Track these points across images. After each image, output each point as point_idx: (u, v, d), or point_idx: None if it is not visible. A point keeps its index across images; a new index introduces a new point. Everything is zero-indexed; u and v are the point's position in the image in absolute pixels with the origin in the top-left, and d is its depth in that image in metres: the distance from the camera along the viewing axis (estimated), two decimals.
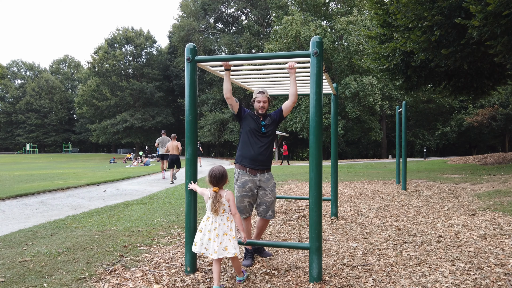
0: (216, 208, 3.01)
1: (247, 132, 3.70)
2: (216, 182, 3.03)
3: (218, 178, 3.03)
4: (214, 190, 3.01)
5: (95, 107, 48.55)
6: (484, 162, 18.46)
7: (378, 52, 13.09)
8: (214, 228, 3.03)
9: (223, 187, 3.11)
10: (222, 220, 3.05)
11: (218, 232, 3.01)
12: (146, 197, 8.69)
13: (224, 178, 3.05)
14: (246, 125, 3.72)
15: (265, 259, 3.88)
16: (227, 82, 3.60)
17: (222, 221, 3.04)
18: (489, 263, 3.62)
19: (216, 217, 3.04)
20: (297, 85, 3.73)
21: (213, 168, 3.08)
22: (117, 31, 50.63)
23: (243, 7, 45.70)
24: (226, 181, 3.09)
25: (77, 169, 20.00)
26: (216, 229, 3.02)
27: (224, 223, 3.04)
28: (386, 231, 5.04)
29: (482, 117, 32.56)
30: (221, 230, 3.02)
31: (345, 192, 9.30)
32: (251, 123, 3.71)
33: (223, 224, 3.03)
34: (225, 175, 3.06)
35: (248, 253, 3.79)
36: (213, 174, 3.04)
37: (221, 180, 3.04)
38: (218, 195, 3.02)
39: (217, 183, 3.04)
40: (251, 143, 3.67)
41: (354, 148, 40.16)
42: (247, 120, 3.74)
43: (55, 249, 4.11)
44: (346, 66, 33.42)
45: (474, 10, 8.26)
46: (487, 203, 7.02)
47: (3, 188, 10.21)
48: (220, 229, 3.02)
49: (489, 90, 14.65)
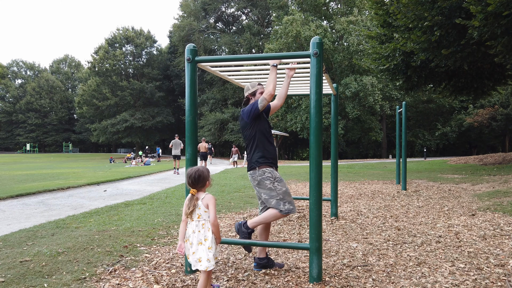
0: (189, 212, 2.71)
1: (263, 132, 3.52)
2: (191, 183, 2.75)
3: (194, 179, 2.74)
4: (192, 192, 2.74)
5: (95, 106, 48.58)
6: (484, 162, 18.46)
7: (378, 52, 13.10)
8: (189, 235, 2.75)
9: (203, 190, 2.82)
10: (197, 227, 2.72)
11: (192, 240, 2.71)
12: (146, 197, 8.69)
13: (201, 179, 2.75)
14: (261, 124, 3.53)
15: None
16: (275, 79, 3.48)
17: (197, 228, 2.72)
18: (489, 264, 3.62)
19: (191, 223, 2.74)
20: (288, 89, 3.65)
21: (190, 168, 2.87)
22: (117, 31, 50.70)
23: (243, 7, 45.71)
24: (206, 183, 2.78)
25: (77, 169, 20.00)
26: (191, 236, 2.73)
27: (199, 231, 2.71)
28: (386, 231, 5.04)
29: (482, 117, 32.55)
30: (195, 238, 2.70)
31: (345, 192, 9.30)
32: (265, 122, 3.57)
33: (198, 232, 2.71)
34: (202, 176, 2.76)
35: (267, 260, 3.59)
36: (188, 174, 2.79)
37: (196, 181, 2.74)
38: (194, 198, 2.73)
39: (193, 184, 2.75)
40: (271, 143, 3.58)
41: (354, 148, 40.17)
42: (262, 119, 3.55)
43: (56, 249, 4.12)
44: (346, 66, 33.43)
45: (474, 11, 8.27)
46: (487, 203, 7.02)
47: (3, 188, 10.21)
48: (194, 236, 2.71)
49: (489, 90, 14.67)
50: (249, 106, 3.53)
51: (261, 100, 3.43)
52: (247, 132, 3.56)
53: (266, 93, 3.42)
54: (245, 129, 3.57)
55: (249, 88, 3.66)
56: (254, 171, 3.46)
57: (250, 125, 3.52)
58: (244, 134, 3.62)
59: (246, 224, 3.47)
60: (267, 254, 3.65)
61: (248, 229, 3.47)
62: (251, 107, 3.50)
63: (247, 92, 3.67)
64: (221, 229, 5.22)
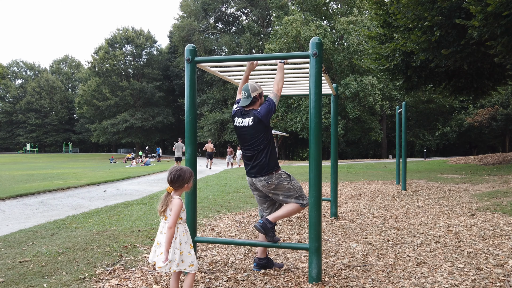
0: (161, 210, 2.66)
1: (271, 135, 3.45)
2: (170, 180, 2.69)
3: (173, 177, 2.68)
4: (167, 189, 2.68)
5: (95, 107, 48.57)
6: (484, 162, 18.46)
7: (378, 52, 13.10)
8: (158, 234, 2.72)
9: (179, 192, 2.73)
10: (164, 228, 2.67)
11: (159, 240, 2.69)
12: (146, 197, 8.69)
13: (179, 179, 2.68)
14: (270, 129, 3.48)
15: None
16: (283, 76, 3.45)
17: (164, 229, 2.67)
18: (488, 264, 3.62)
19: (162, 222, 2.71)
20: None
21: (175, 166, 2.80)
22: (118, 31, 50.68)
23: (243, 7, 45.71)
24: (184, 186, 2.71)
25: (77, 169, 20.01)
26: (158, 236, 2.71)
27: (176, 237, 2.66)
28: (386, 231, 5.04)
29: (483, 117, 32.53)
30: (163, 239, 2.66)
31: (345, 192, 9.30)
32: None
33: (164, 233, 2.66)
34: (181, 177, 2.68)
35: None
36: (170, 171, 2.73)
37: (175, 179, 2.67)
38: (169, 197, 2.67)
39: (171, 182, 2.68)
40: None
41: (354, 148, 40.16)
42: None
43: (55, 249, 4.12)
44: (346, 66, 33.43)
45: (474, 11, 8.27)
46: (487, 203, 7.02)
47: (3, 188, 10.22)
48: (162, 237, 2.67)
49: (489, 91, 14.67)
50: (266, 107, 3.33)
51: (276, 99, 3.37)
52: (261, 135, 3.32)
53: (278, 90, 3.38)
54: (258, 131, 3.32)
55: (256, 88, 3.42)
56: (270, 176, 3.33)
57: (265, 127, 3.34)
58: (254, 137, 3.35)
59: (268, 219, 3.35)
60: (267, 255, 3.64)
61: (271, 223, 3.36)
62: (268, 107, 3.32)
63: (255, 92, 3.40)
64: (220, 230, 5.23)
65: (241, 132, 3.43)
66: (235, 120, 3.49)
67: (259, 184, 3.38)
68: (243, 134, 3.41)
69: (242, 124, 3.41)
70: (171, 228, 2.58)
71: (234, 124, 3.52)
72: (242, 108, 3.48)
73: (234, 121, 3.51)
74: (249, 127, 3.35)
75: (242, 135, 3.43)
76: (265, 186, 3.37)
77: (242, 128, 3.41)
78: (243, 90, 3.45)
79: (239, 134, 3.47)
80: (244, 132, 3.40)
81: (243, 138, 3.43)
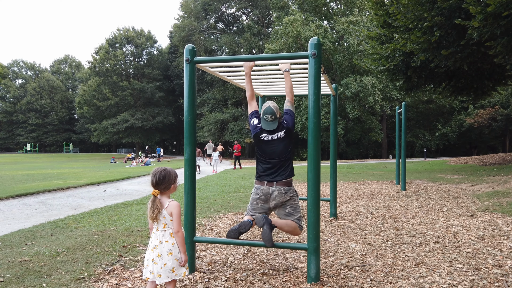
0: (154, 216, 2.48)
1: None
2: (155, 182, 2.51)
3: (158, 178, 2.50)
4: (153, 193, 2.49)
5: (95, 107, 48.56)
6: (484, 162, 18.46)
7: (378, 53, 13.10)
8: (155, 246, 2.52)
9: (167, 194, 2.57)
10: (164, 237, 2.52)
11: (160, 251, 2.50)
12: (146, 197, 8.70)
13: (165, 180, 2.51)
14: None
15: (264, 259, 3.89)
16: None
17: (164, 238, 2.51)
18: (487, 264, 3.63)
19: (156, 232, 2.54)
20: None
21: (157, 167, 2.61)
22: (118, 31, 50.64)
23: (243, 7, 45.70)
24: (171, 187, 2.54)
25: (78, 169, 20.02)
26: (158, 247, 2.51)
27: (167, 240, 2.51)
28: (385, 231, 5.05)
29: (483, 117, 32.53)
30: (164, 248, 2.50)
31: (344, 192, 9.30)
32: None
33: (165, 242, 2.51)
34: (167, 177, 2.52)
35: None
36: (153, 173, 2.54)
37: (161, 181, 2.50)
38: (157, 200, 2.48)
39: (156, 184, 2.51)
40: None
41: (354, 148, 40.13)
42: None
43: (55, 249, 4.13)
44: (346, 66, 33.42)
45: (474, 11, 8.27)
46: (486, 204, 7.02)
47: (3, 188, 10.23)
48: (162, 247, 2.50)
49: (489, 91, 14.66)
50: (290, 118, 3.56)
51: (293, 108, 3.64)
52: (290, 145, 3.51)
53: (292, 98, 3.63)
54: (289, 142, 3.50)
55: (277, 107, 3.56)
56: (290, 188, 3.47)
57: (290, 136, 3.51)
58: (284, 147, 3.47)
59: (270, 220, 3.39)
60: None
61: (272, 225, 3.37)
62: (293, 118, 3.57)
63: (278, 112, 3.53)
64: (220, 230, 5.23)
65: (271, 145, 3.50)
66: (263, 136, 3.54)
67: (277, 193, 3.42)
68: (272, 146, 3.49)
69: (272, 138, 3.50)
70: (179, 232, 2.52)
71: (260, 139, 3.55)
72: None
73: (260, 137, 3.55)
74: (280, 139, 3.49)
75: (271, 147, 3.50)
76: (281, 196, 3.43)
77: (272, 141, 3.50)
78: (268, 114, 3.49)
79: (266, 147, 3.51)
80: (274, 144, 3.49)
81: (271, 150, 3.49)
